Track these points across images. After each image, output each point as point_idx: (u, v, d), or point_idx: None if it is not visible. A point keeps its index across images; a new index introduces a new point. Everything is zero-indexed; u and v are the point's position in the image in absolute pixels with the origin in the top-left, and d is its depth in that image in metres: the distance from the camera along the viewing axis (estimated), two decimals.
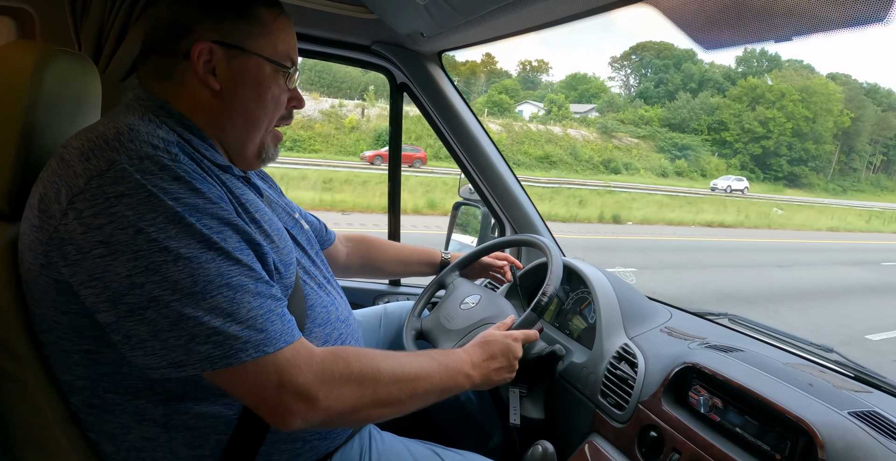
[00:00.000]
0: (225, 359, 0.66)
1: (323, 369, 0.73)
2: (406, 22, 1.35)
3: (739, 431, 0.88)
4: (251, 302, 0.69)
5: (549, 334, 1.40)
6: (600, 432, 1.11)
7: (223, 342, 0.66)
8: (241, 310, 0.68)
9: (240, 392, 0.71)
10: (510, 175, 1.72)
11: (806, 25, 0.87)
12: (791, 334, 1.20)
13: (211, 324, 0.66)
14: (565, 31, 34.88)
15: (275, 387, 0.69)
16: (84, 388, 0.74)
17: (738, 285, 8.58)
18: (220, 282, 0.67)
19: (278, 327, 0.71)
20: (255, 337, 0.68)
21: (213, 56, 0.79)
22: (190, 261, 0.66)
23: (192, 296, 0.65)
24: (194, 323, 0.65)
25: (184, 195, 0.67)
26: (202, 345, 0.66)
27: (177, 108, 0.80)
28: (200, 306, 0.66)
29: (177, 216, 0.66)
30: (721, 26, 0.96)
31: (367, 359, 0.79)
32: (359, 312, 1.40)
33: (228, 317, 0.67)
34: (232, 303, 0.67)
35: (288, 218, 0.98)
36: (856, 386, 0.98)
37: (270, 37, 0.83)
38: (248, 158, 0.88)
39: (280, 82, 0.85)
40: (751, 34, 0.93)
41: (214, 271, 0.67)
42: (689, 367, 0.98)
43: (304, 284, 0.89)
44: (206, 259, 0.67)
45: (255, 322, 0.69)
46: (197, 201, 0.68)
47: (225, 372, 0.68)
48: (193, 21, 0.79)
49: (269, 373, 0.69)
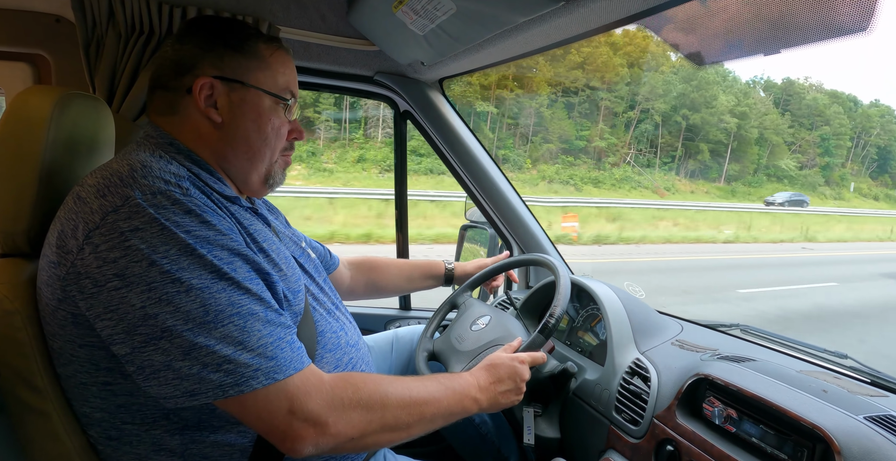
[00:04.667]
0: (236, 386, 0.68)
1: (332, 395, 0.75)
2: (407, 52, 1.40)
3: (755, 441, 0.87)
4: (261, 330, 0.71)
5: (560, 352, 1.40)
6: (616, 448, 1.10)
7: (234, 370, 0.68)
8: (252, 338, 0.70)
9: (251, 419, 0.72)
10: (515, 196, 1.74)
11: (793, 38, 0.90)
12: (804, 342, 1.19)
13: (222, 352, 0.67)
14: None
15: (285, 414, 0.71)
16: (102, 420, 0.76)
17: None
18: (230, 311, 0.69)
19: (288, 354, 0.72)
20: (266, 364, 0.70)
21: (214, 90, 0.83)
22: (201, 291, 0.68)
23: (204, 326, 0.67)
24: (206, 351, 0.67)
25: (195, 228, 0.70)
26: (214, 374, 0.67)
27: (182, 142, 0.84)
28: (212, 335, 0.68)
29: (188, 248, 0.68)
30: (711, 42, 0.99)
31: (375, 384, 0.80)
32: (370, 338, 1.41)
33: (239, 345, 0.69)
34: (243, 332, 0.69)
35: (295, 247, 1.01)
36: (872, 390, 0.97)
37: (269, 70, 0.87)
38: (254, 186, 0.91)
39: (280, 114, 0.89)
40: (740, 49, 0.96)
41: (225, 301, 0.69)
42: (702, 379, 0.98)
43: (314, 311, 0.91)
44: (217, 289, 0.69)
45: (265, 350, 0.70)
46: (208, 233, 0.71)
47: (236, 400, 0.69)
48: (195, 58, 0.83)
49: (280, 400, 0.71)
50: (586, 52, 35.50)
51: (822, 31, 0.84)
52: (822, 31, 0.84)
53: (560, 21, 0.96)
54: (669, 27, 0.98)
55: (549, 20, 0.96)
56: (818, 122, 47.09)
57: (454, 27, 1.09)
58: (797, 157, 45.24)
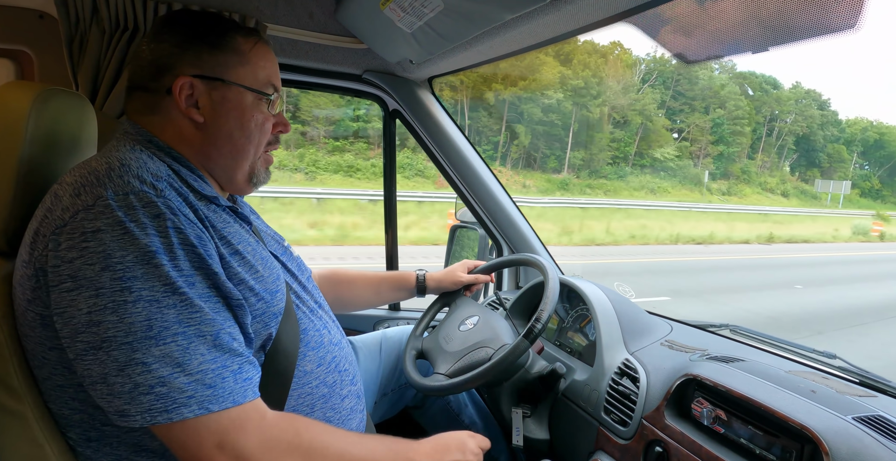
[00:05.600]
0: (165, 413, 0.64)
1: (270, 436, 0.71)
2: (395, 50, 1.39)
3: (744, 442, 0.86)
4: (205, 354, 0.67)
5: (550, 353, 1.40)
6: (605, 450, 1.09)
7: (167, 394, 0.64)
8: (193, 361, 0.66)
9: (174, 446, 0.68)
10: (505, 196, 1.73)
11: (781, 36, 0.89)
12: (793, 342, 1.19)
13: (158, 372, 0.64)
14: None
15: (212, 448, 0.67)
16: (82, 422, 0.74)
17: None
18: (176, 329, 0.66)
19: (229, 385, 0.69)
20: (202, 392, 0.66)
21: (195, 89, 0.81)
22: (150, 304, 0.65)
23: (145, 341, 0.64)
24: (142, 369, 0.64)
25: (161, 234, 0.67)
26: (145, 396, 0.64)
27: (164, 141, 0.82)
28: (151, 352, 0.64)
29: (147, 256, 0.66)
30: (699, 41, 0.99)
31: (318, 432, 0.77)
32: (358, 338, 1.40)
33: (178, 367, 0.65)
34: (185, 353, 0.66)
35: (277, 246, 0.99)
36: (860, 391, 0.97)
37: (249, 65, 0.85)
38: (238, 184, 0.90)
39: (263, 109, 0.87)
40: (729, 47, 0.96)
41: (173, 317, 0.66)
42: (691, 379, 0.97)
43: (297, 309, 0.90)
44: (167, 304, 0.66)
45: (204, 376, 0.67)
46: (173, 240, 0.68)
47: (163, 427, 0.66)
48: (172, 57, 0.81)
49: (210, 432, 0.67)
50: None
51: (812, 29, 0.84)
52: (811, 29, 0.84)
53: (548, 18, 0.95)
54: (657, 25, 0.98)
55: (537, 18, 0.95)
56: (714, 105, 40.68)
57: (442, 24, 1.08)
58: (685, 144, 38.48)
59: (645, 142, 35.86)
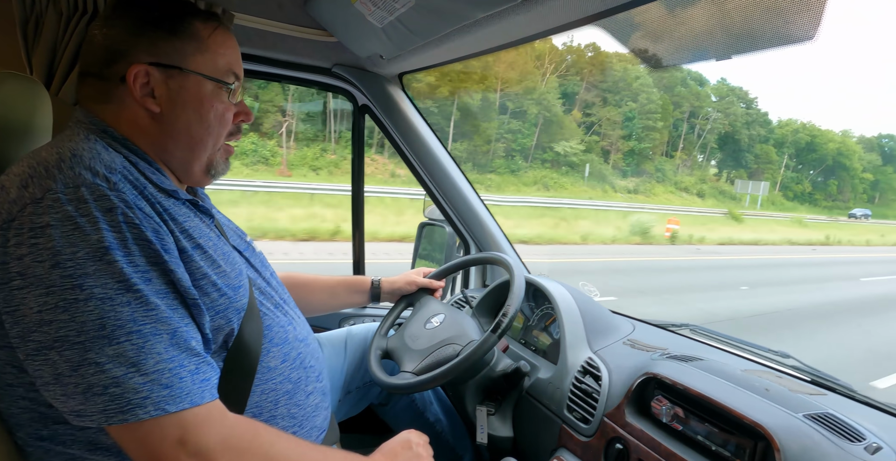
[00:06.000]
0: (121, 414, 0.62)
1: (232, 434, 0.69)
2: (365, 45, 1.37)
3: (700, 439, 0.89)
4: (162, 353, 0.65)
5: (514, 351, 1.41)
6: (567, 447, 1.10)
7: (121, 395, 0.62)
8: (149, 360, 0.64)
9: (131, 446, 0.65)
10: (473, 195, 1.73)
11: (744, 45, 0.92)
12: (749, 342, 1.23)
13: (112, 373, 0.62)
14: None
15: (174, 444, 0.65)
16: (32, 420, 0.71)
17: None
18: (130, 327, 0.63)
19: (187, 385, 0.66)
20: (158, 392, 0.64)
21: (151, 78, 0.78)
22: (102, 301, 0.62)
23: (98, 341, 0.62)
24: (95, 369, 0.62)
25: (114, 228, 0.65)
26: (99, 397, 0.62)
27: (119, 132, 0.78)
28: (104, 352, 0.62)
29: (99, 252, 0.63)
30: (666, 47, 1.00)
31: (276, 437, 0.75)
32: (324, 335, 1.39)
33: (132, 366, 0.63)
34: (140, 352, 0.63)
35: (240, 241, 0.97)
36: (811, 389, 1.00)
37: (208, 53, 0.82)
38: (195, 176, 0.87)
39: (223, 99, 0.84)
40: (694, 53, 0.98)
41: (127, 315, 0.63)
42: (651, 378, 0.99)
43: (260, 305, 0.88)
44: (120, 301, 0.63)
45: (160, 376, 0.64)
46: (128, 235, 0.66)
47: (119, 427, 0.64)
48: (126, 43, 0.77)
49: (170, 428, 0.65)
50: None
51: (773, 39, 0.86)
52: (772, 39, 0.87)
53: (519, 18, 0.96)
54: (626, 29, 0.99)
55: (508, 17, 0.95)
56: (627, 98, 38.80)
57: (413, 20, 1.08)
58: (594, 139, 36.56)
59: (547, 134, 33.89)
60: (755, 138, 47.53)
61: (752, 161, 47.15)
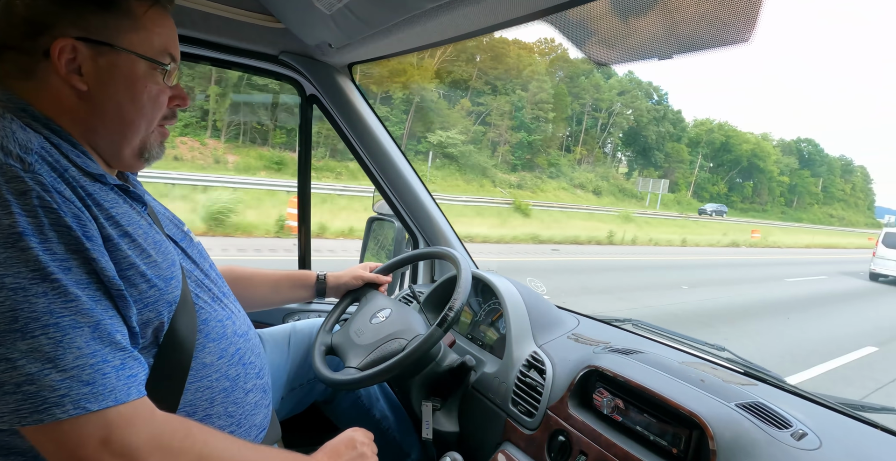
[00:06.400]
0: (36, 414, 0.58)
1: (161, 432, 0.66)
2: (314, 32, 1.34)
3: (639, 429, 0.91)
4: (82, 348, 0.61)
5: (461, 346, 1.41)
6: (512, 441, 1.11)
7: (36, 393, 0.58)
8: (68, 355, 0.60)
9: (49, 449, 0.61)
10: (423, 189, 1.72)
11: (685, 45, 0.94)
12: (687, 336, 1.27)
13: (25, 369, 0.58)
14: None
15: (97, 445, 0.61)
16: None
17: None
18: (47, 320, 0.59)
19: (111, 382, 0.62)
20: (78, 390, 0.60)
21: (77, 53, 0.72)
22: (14, 292, 0.58)
23: (9, 335, 0.58)
24: (6, 366, 0.57)
25: (28, 213, 0.60)
26: (11, 395, 0.57)
27: (40, 111, 0.72)
28: (16, 347, 0.58)
29: (12, 238, 0.59)
30: (611, 45, 1.02)
31: (210, 436, 0.72)
32: (267, 331, 1.34)
33: (49, 362, 0.59)
34: (57, 347, 0.59)
35: (176, 230, 0.92)
36: (743, 380, 1.04)
37: (143, 31, 0.77)
38: (127, 160, 0.81)
39: (158, 80, 0.79)
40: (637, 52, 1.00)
41: (42, 307, 0.59)
42: (593, 371, 1.01)
43: (196, 297, 0.84)
44: (36, 292, 0.59)
45: (81, 372, 0.60)
46: (44, 220, 0.61)
47: (34, 428, 0.60)
48: (51, 15, 0.71)
49: (92, 428, 0.61)
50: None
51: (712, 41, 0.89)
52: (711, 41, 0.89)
53: (468, 10, 0.95)
54: (572, 27, 1.00)
55: (457, 9, 0.95)
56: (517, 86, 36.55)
57: (362, 8, 1.05)
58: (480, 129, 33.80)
59: (422, 123, 31.54)
60: (664, 136, 45.77)
61: (662, 160, 45.86)
